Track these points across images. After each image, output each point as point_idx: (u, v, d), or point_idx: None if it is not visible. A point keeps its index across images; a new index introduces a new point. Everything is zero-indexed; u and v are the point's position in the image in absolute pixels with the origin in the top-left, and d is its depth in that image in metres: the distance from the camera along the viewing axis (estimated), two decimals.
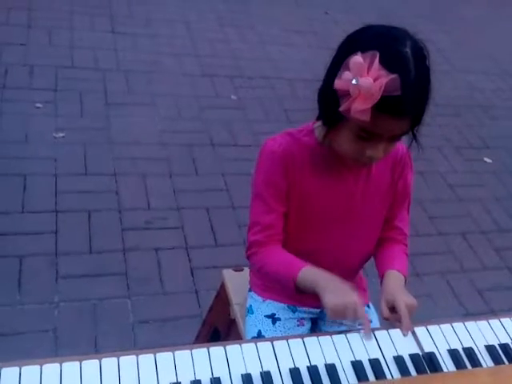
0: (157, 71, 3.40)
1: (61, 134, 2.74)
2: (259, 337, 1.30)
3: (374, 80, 0.94)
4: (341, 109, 0.99)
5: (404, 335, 1.09)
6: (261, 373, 0.99)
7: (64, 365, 0.93)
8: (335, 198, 1.21)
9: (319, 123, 1.16)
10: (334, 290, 1.07)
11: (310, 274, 1.13)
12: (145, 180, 2.61)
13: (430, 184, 3.01)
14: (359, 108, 0.96)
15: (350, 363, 1.04)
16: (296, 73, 3.69)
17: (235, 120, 3.15)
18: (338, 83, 0.99)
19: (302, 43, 4.14)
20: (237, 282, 1.51)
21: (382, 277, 1.22)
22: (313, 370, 1.01)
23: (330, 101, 1.03)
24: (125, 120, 2.95)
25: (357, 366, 1.03)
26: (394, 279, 1.18)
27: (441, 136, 3.40)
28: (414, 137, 1.11)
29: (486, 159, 3.36)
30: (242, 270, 1.55)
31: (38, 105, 2.90)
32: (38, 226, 2.26)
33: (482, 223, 2.85)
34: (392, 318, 1.10)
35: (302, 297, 1.20)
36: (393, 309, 1.10)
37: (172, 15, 4.07)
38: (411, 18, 4.62)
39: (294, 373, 1.00)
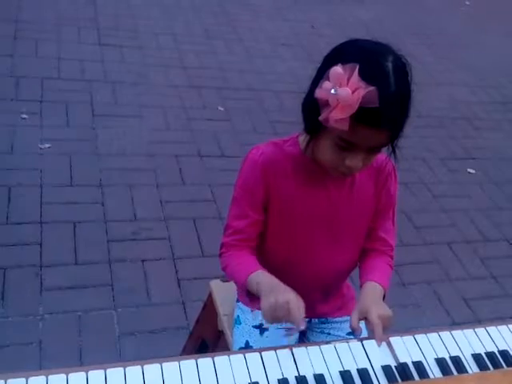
0: (144, 83, 3.41)
1: (47, 145, 2.73)
2: (247, 347, 1.30)
3: (353, 91, 0.96)
4: (320, 117, 1.01)
5: (378, 346, 1.08)
6: (249, 383, 0.99)
7: (50, 377, 0.91)
8: (318, 207, 1.22)
9: (304, 133, 1.18)
10: (270, 293, 1.05)
11: (257, 278, 1.13)
12: (131, 191, 2.60)
13: (415, 194, 3.04)
14: (337, 117, 0.98)
15: (338, 373, 1.04)
16: (283, 85, 3.72)
17: (222, 131, 3.16)
18: (319, 92, 1.01)
19: (288, 56, 4.18)
20: (224, 293, 1.51)
21: (360, 288, 1.22)
22: (301, 381, 1.01)
23: (311, 110, 1.06)
24: (111, 131, 2.94)
25: (345, 376, 1.03)
26: (371, 290, 1.18)
27: (425, 147, 3.44)
28: (393, 150, 1.13)
29: (469, 170, 3.40)
30: (229, 280, 1.54)
31: (24, 116, 2.88)
32: (22, 237, 2.23)
33: (467, 233, 2.88)
34: (368, 328, 1.11)
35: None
36: (366, 319, 1.10)
37: (159, 28, 4.09)
38: (395, 32, 4.70)
39: (283, 383, 1.00)
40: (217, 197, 2.68)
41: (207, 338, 1.57)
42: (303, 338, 1.38)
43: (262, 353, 1.05)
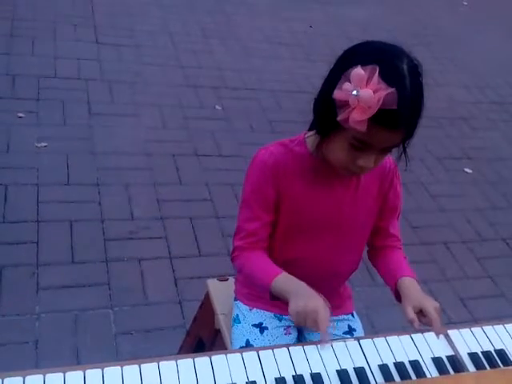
0: (141, 81, 3.40)
1: (43, 144, 2.72)
2: (248, 346, 1.30)
3: (374, 92, 0.97)
4: (339, 118, 1.02)
5: (437, 338, 1.13)
6: (247, 382, 0.99)
7: (47, 376, 0.91)
8: (325, 206, 1.23)
9: (311, 133, 1.18)
10: (300, 297, 1.08)
11: (282, 281, 1.15)
12: (128, 190, 2.60)
13: (413, 194, 3.05)
14: (357, 119, 0.99)
15: (335, 372, 1.04)
16: (280, 84, 3.71)
17: (219, 130, 3.16)
18: (338, 93, 1.01)
19: (286, 55, 4.17)
20: (221, 292, 1.50)
21: (394, 284, 1.24)
22: (298, 379, 1.01)
23: (326, 110, 1.06)
24: (108, 130, 2.94)
25: (342, 375, 1.03)
26: (413, 285, 1.21)
27: (422, 147, 3.45)
28: (404, 150, 1.14)
29: (466, 170, 3.41)
30: (226, 279, 1.54)
31: (21, 114, 2.87)
32: (18, 236, 2.23)
33: (463, 233, 2.89)
34: (422, 322, 1.13)
35: (286, 305, 1.21)
36: (419, 313, 1.14)
37: (156, 26, 4.08)
38: (392, 32, 4.70)
39: (280, 382, 1.00)
40: (214, 196, 2.68)
41: (204, 337, 1.57)
42: (300, 337, 1.38)
43: (260, 352, 1.05)
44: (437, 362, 1.10)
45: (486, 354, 1.14)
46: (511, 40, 5.42)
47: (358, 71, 0.98)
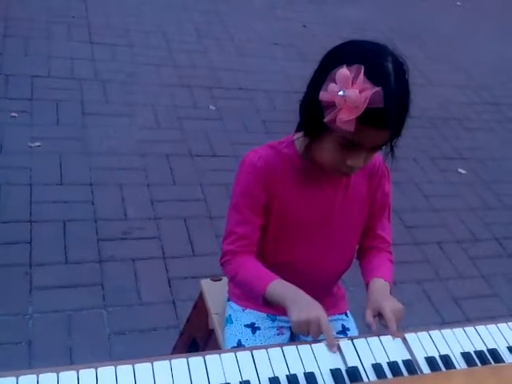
0: (134, 81, 3.39)
1: (36, 144, 2.71)
2: (239, 346, 1.29)
3: (360, 92, 0.97)
4: (326, 119, 1.01)
5: (393, 339, 1.12)
6: (240, 382, 0.99)
7: (41, 376, 0.91)
8: (315, 208, 1.23)
9: (299, 134, 1.18)
10: (300, 305, 1.09)
11: (278, 288, 1.15)
12: (122, 190, 2.59)
13: (406, 194, 3.06)
14: (344, 119, 0.98)
15: (328, 371, 1.04)
16: (274, 84, 3.72)
17: (213, 130, 3.16)
18: (324, 95, 1.01)
19: (280, 55, 4.18)
20: (215, 292, 1.50)
21: (367, 286, 1.24)
22: (292, 379, 1.01)
23: (313, 111, 1.06)
24: (102, 130, 2.93)
25: (336, 374, 1.03)
26: (379, 287, 1.21)
27: (416, 147, 3.46)
28: (392, 148, 1.14)
29: (460, 170, 3.42)
30: (220, 279, 1.54)
31: (14, 114, 2.86)
32: (12, 236, 2.22)
33: (457, 232, 2.90)
34: (382, 324, 1.13)
35: (281, 309, 1.21)
36: (380, 315, 1.13)
37: (150, 26, 4.08)
38: (386, 32, 4.72)
39: (274, 382, 1.00)
40: (207, 196, 2.68)
41: (198, 337, 1.57)
42: (294, 337, 1.38)
43: (253, 351, 1.05)
44: (430, 361, 1.10)
45: (479, 353, 1.14)
46: (505, 40, 5.45)
47: (343, 71, 0.98)
